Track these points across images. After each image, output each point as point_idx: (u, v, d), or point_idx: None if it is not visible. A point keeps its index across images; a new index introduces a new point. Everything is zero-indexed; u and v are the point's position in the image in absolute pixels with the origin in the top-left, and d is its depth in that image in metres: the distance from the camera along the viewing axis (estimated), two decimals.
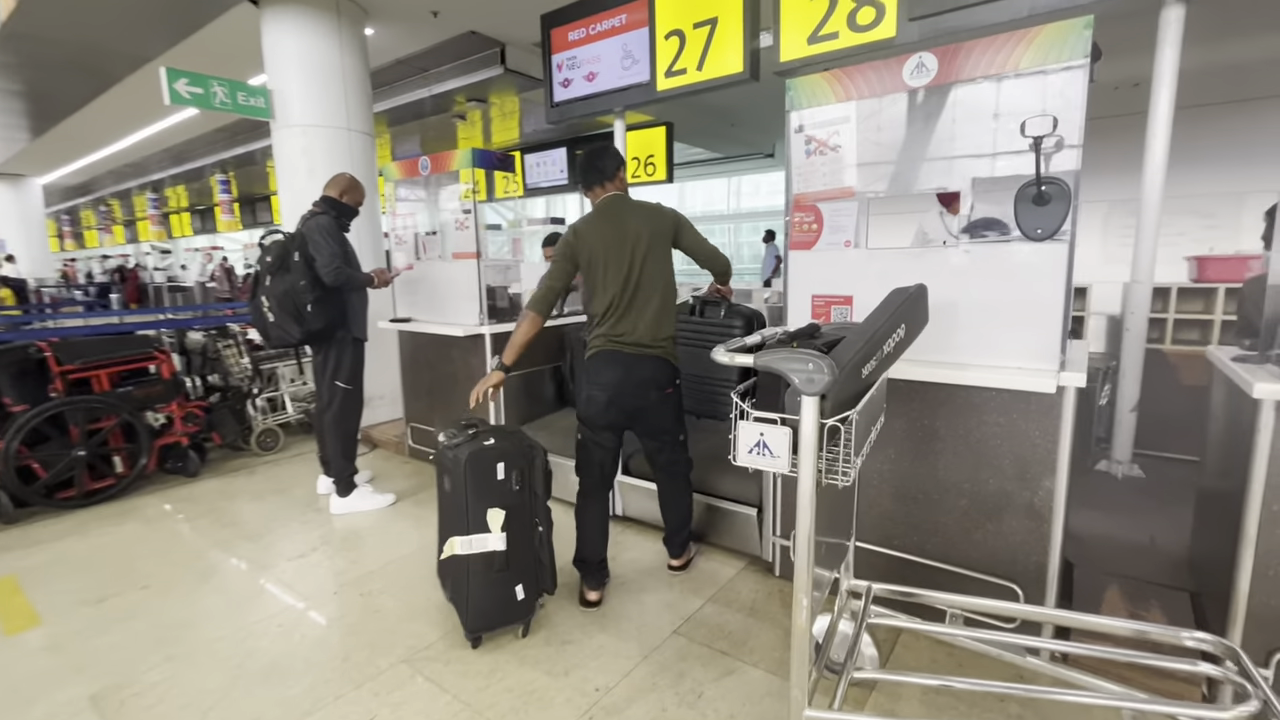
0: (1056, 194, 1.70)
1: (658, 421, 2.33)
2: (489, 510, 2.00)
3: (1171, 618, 1.99)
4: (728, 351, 1.29)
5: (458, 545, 1.99)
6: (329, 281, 2.93)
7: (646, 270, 2.21)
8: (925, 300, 1.68)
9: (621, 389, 2.21)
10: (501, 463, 2.03)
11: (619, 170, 2.31)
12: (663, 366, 2.26)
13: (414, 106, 7.43)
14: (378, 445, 4.35)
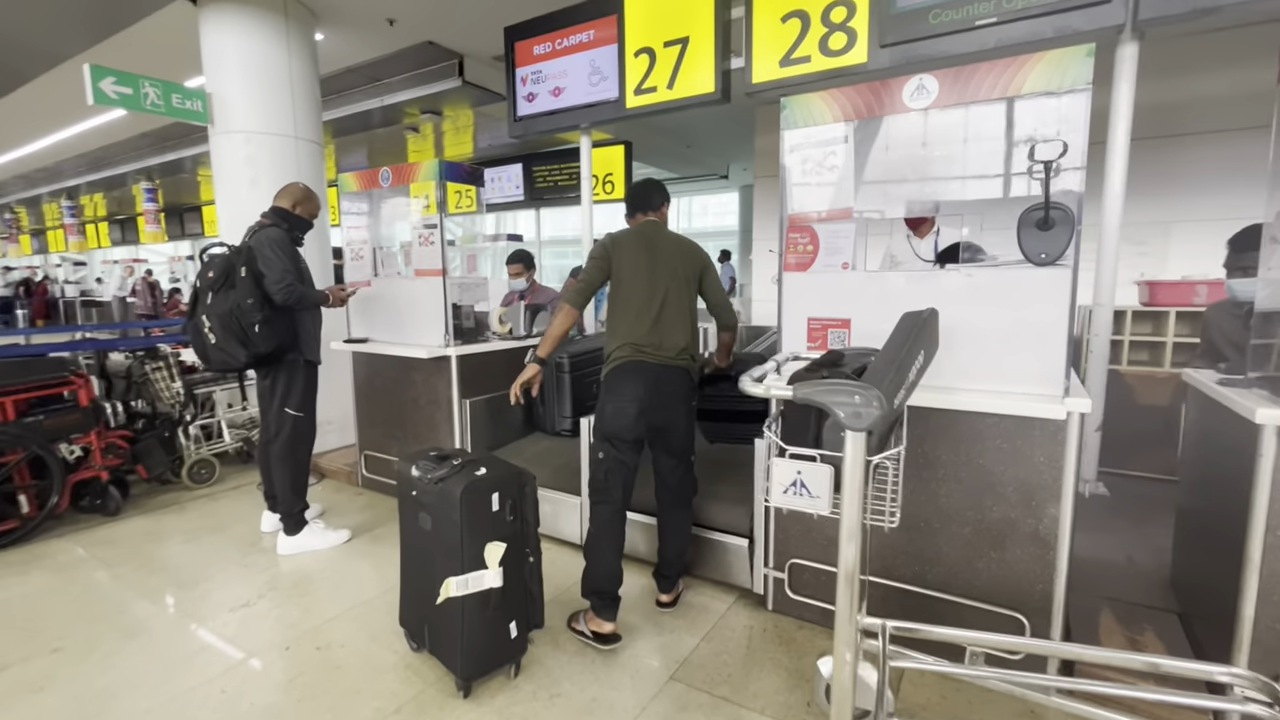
0: (1060, 219, 1.70)
1: (682, 437, 2.27)
2: (487, 545, 1.83)
3: (1166, 642, 2.00)
4: (756, 380, 1.19)
5: (454, 587, 1.80)
6: (279, 300, 2.69)
7: (673, 294, 2.23)
8: (937, 325, 1.64)
9: (653, 401, 2.16)
10: (496, 493, 1.87)
11: (664, 205, 2.40)
12: (689, 379, 2.26)
13: (362, 117, 7.14)
14: (327, 475, 4.03)
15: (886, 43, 3.21)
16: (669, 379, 2.19)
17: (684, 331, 2.23)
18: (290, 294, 2.68)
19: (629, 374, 2.18)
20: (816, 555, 2.23)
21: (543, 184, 9.01)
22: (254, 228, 2.82)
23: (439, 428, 3.37)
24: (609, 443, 2.19)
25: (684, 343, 2.22)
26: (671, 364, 2.20)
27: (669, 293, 2.21)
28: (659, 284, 2.20)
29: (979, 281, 1.86)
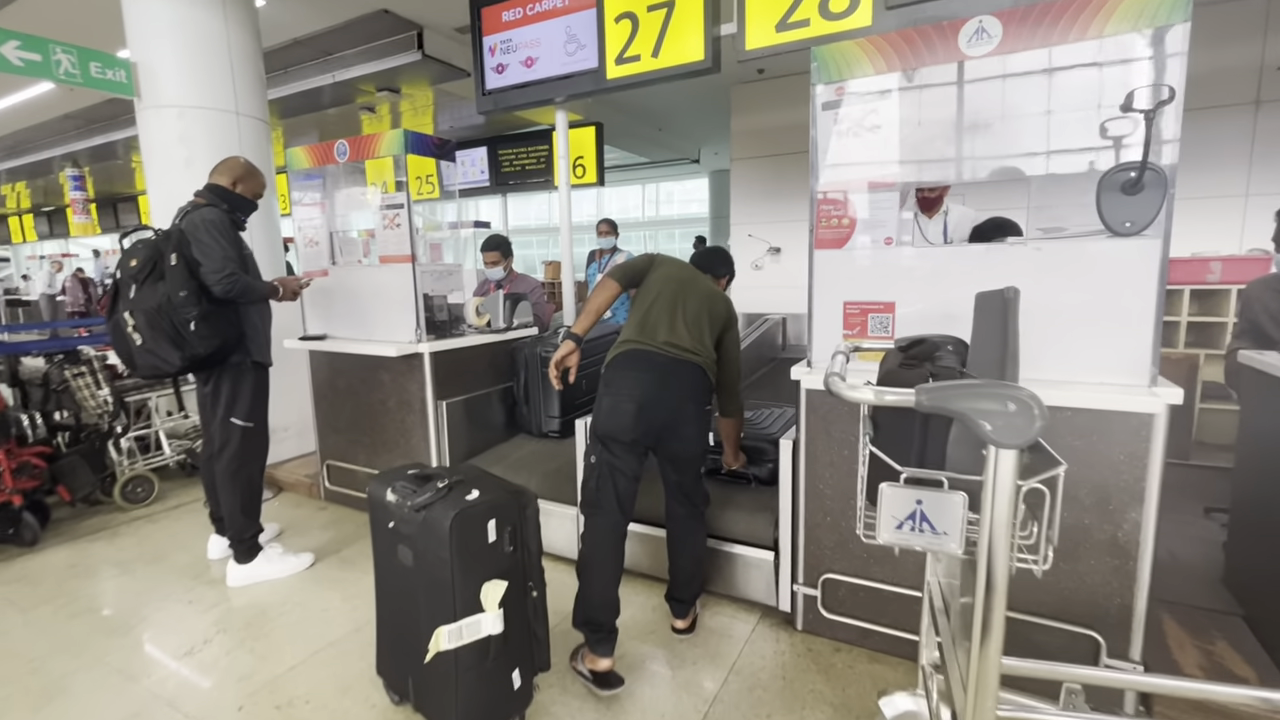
0: (1151, 181, 1.46)
1: (690, 443, 1.97)
2: (485, 584, 1.51)
3: (1242, 653, 1.82)
4: (848, 384, 0.91)
5: (446, 638, 1.48)
6: (219, 293, 2.29)
7: (696, 320, 2.00)
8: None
9: (656, 395, 1.87)
10: (493, 520, 1.55)
11: (725, 278, 2.27)
12: (702, 377, 1.96)
13: (312, 95, 6.60)
14: (284, 488, 3.62)
15: (894, 4, 2.96)
16: (677, 372, 1.91)
17: (697, 337, 1.97)
18: (232, 285, 2.29)
19: (630, 364, 1.91)
20: (854, 569, 1.98)
21: (509, 169, 8.57)
22: (185, 208, 2.41)
23: (411, 432, 3.01)
24: (603, 445, 1.90)
25: (699, 341, 1.96)
26: (684, 357, 1.92)
27: (685, 310, 1.99)
28: (678, 301, 2.00)
29: (1049, 256, 1.62)
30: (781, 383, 4.19)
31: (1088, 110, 1.53)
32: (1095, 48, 1.51)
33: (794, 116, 6.26)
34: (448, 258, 6.00)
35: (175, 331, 2.24)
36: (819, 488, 1.99)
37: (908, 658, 1.94)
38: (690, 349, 1.93)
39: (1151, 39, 1.44)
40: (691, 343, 1.94)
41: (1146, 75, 1.44)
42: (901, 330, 1.81)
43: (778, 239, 6.54)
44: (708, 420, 2.03)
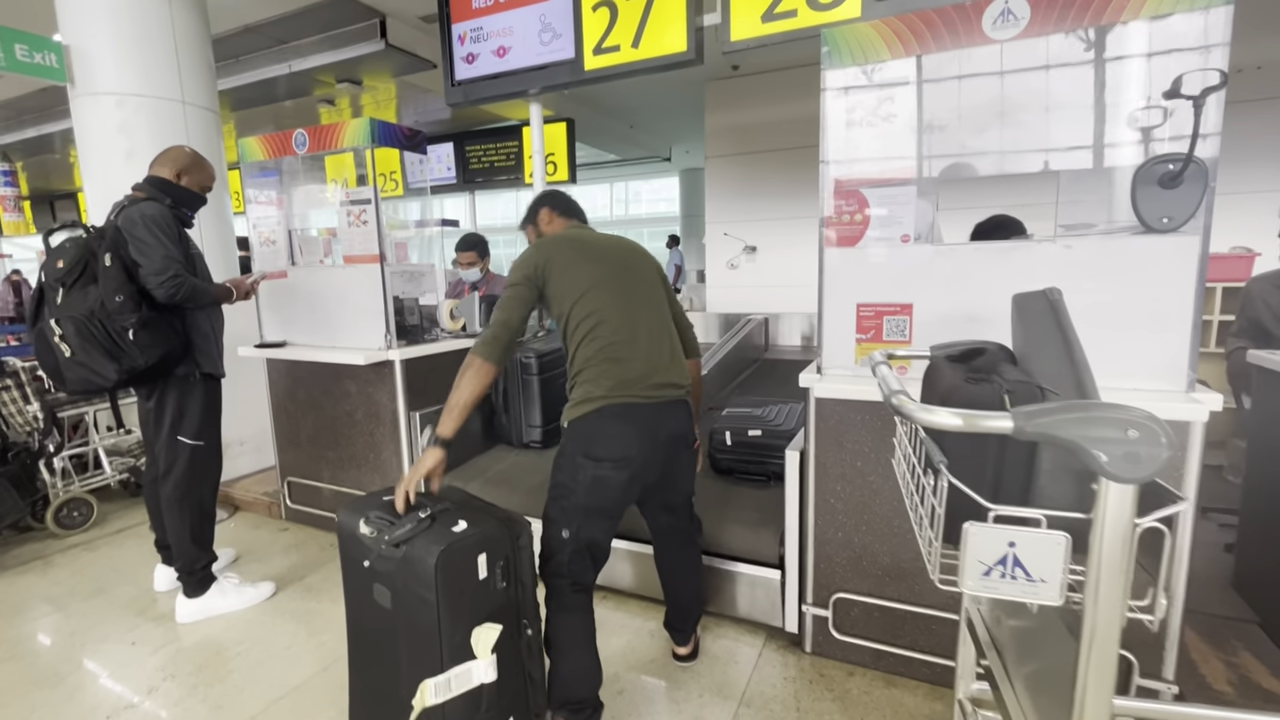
0: (1191, 174, 1.37)
1: (682, 486, 1.79)
2: (475, 629, 1.33)
3: (1265, 662, 1.76)
4: (930, 406, 0.77)
5: (433, 692, 1.30)
6: (162, 297, 2.05)
7: (647, 301, 1.69)
8: None
9: (650, 457, 1.59)
10: (483, 554, 1.37)
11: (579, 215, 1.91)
12: (689, 414, 1.71)
13: (266, 86, 6.24)
14: (241, 508, 3.35)
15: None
16: (668, 421, 1.61)
17: (674, 350, 1.69)
18: (177, 289, 2.05)
19: (613, 424, 1.54)
20: (868, 589, 1.87)
21: (477, 165, 8.30)
22: (122, 203, 2.15)
23: (381, 446, 2.79)
24: (583, 521, 1.55)
25: (675, 365, 1.67)
26: (669, 399, 1.62)
27: (642, 300, 1.66)
28: (627, 292, 1.64)
29: (1079, 254, 1.52)
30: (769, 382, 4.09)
31: (1122, 99, 1.44)
32: (1131, 31, 1.41)
33: (770, 113, 6.18)
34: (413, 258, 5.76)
35: (111, 341, 1.99)
36: (830, 502, 1.87)
37: (926, 681, 1.83)
38: (677, 381, 1.64)
39: (1193, 22, 1.35)
40: (672, 365, 1.65)
41: (1190, 61, 1.35)
42: (919, 334, 1.69)
43: (754, 238, 6.45)
44: (696, 458, 1.81)
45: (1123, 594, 0.72)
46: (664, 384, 1.60)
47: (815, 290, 1.80)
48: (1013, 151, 1.58)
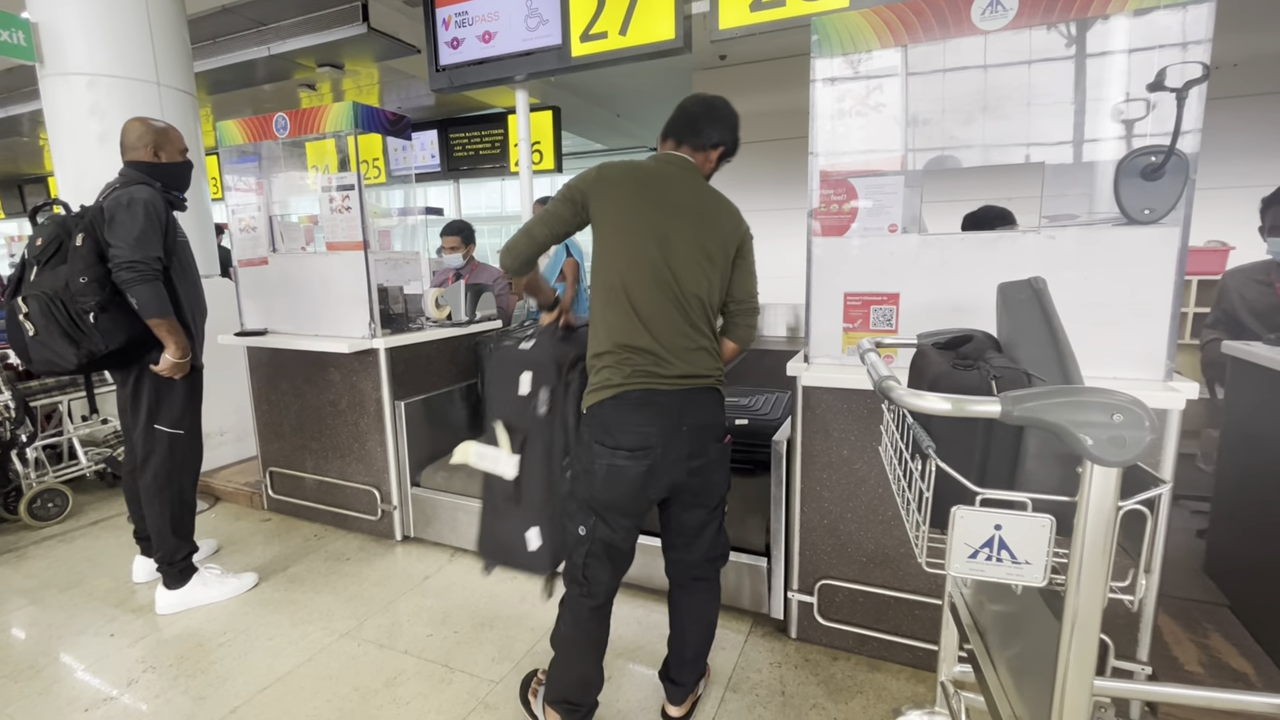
0: (1172, 166, 1.40)
1: (713, 487, 1.54)
2: (497, 423, 1.58)
3: (1235, 643, 1.82)
4: (920, 391, 0.78)
5: (472, 453, 1.58)
6: (119, 280, 1.95)
7: (694, 276, 1.44)
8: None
9: (675, 451, 1.43)
10: (528, 373, 1.55)
11: (718, 147, 1.53)
12: (720, 402, 1.53)
13: (244, 69, 6.09)
14: (222, 499, 3.30)
15: None
16: (698, 409, 1.45)
17: (693, 338, 1.45)
18: (135, 278, 1.93)
19: (633, 412, 1.41)
20: (852, 575, 1.89)
21: (461, 153, 8.19)
22: (114, 184, 2.08)
23: (366, 435, 2.77)
24: (599, 516, 1.45)
25: (699, 353, 1.46)
26: (698, 385, 1.46)
27: (681, 265, 1.42)
28: (673, 257, 1.41)
29: (1062, 245, 1.55)
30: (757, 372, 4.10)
31: (1105, 93, 1.45)
32: (1114, 25, 1.43)
33: (759, 104, 6.16)
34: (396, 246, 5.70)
35: (71, 323, 1.93)
36: (816, 490, 1.89)
37: (908, 664, 1.86)
38: (704, 371, 1.46)
39: (1176, 15, 1.37)
40: (704, 363, 1.46)
41: (1171, 56, 1.36)
42: (906, 324, 1.71)
43: None
44: (729, 454, 1.57)
45: (1105, 575, 0.73)
46: (695, 368, 1.44)
47: (804, 281, 1.81)
48: (998, 144, 1.60)
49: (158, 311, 2.00)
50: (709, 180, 1.55)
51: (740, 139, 1.55)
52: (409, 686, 1.83)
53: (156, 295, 1.99)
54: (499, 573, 2.46)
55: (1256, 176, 4.47)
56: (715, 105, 1.52)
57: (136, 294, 1.97)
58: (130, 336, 2.03)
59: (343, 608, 2.25)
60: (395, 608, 2.25)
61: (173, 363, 2.09)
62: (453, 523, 2.66)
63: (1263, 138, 4.45)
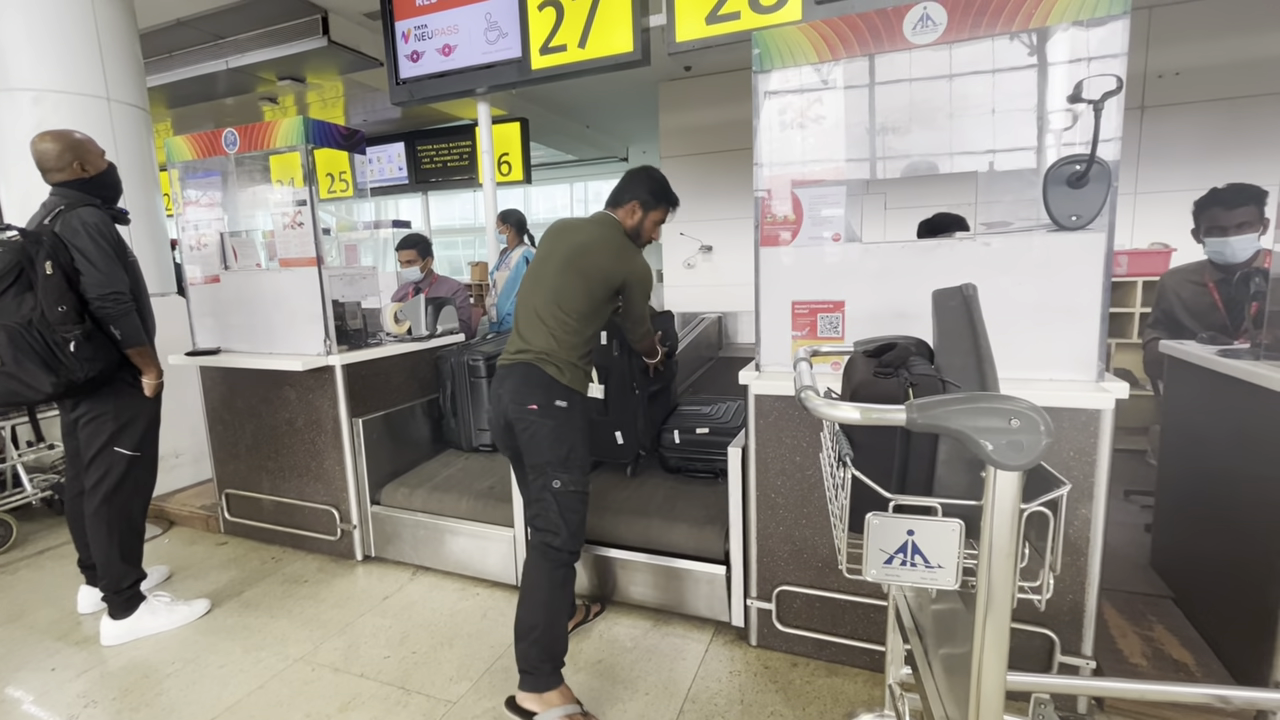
0: (1095, 175, 1.44)
1: (529, 449, 1.79)
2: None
3: (1177, 634, 1.87)
4: (835, 401, 0.79)
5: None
6: (99, 312, 1.99)
7: (555, 297, 1.83)
8: None
9: (498, 409, 1.86)
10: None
11: (631, 201, 1.92)
12: (537, 377, 1.78)
13: (203, 83, 5.99)
14: (176, 523, 3.21)
15: None
16: (515, 378, 1.79)
17: (542, 328, 1.80)
18: (120, 313, 2.02)
19: (495, 381, 1.89)
20: (809, 580, 1.91)
21: (429, 165, 8.15)
22: (56, 206, 2.03)
23: (324, 454, 2.72)
24: (583, 474, 1.81)
25: (539, 336, 1.80)
26: (522, 360, 1.80)
27: (545, 279, 1.86)
28: (548, 271, 1.86)
29: (997, 252, 1.59)
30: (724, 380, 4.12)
31: (1034, 104, 1.50)
32: (1039, 40, 1.48)
33: (723, 114, 6.24)
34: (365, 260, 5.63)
35: (50, 352, 1.91)
36: (771, 497, 1.90)
37: (865, 668, 1.88)
38: (534, 347, 1.79)
39: (1091, 31, 1.42)
40: (541, 336, 1.79)
41: (1091, 67, 1.42)
42: (852, 330, 1.74)
43: (710, 237, 6.51)
44: (557, 427, 1.75)
45: (1012, 575, 0.75)
46: (519, 350, 1.82)
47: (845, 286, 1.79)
48: (936, 154, 1.64)
49: (138, 340, 2.08)
50: (655, 226, 1.97)
51: (664, 193, 1.94)
52: (363, 711, 1.80)
53: (137, 325, 2.07)
54: (460, 590, 2.44)
55: (1197, 181, 4.63)
56: (635, 172, 1.97)
57: (120, 326, 2.03)
58: (106, 364, 2.03)
59: (298, 631, 2.20)
60: (353, 629, 2.21)
61: (153, 385, 2.16)
62: (414, 540, 2.62)
63: (1203, 143, 4.62)
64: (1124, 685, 1.28)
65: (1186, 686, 1.32)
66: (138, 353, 2.10)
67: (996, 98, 1.55)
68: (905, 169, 1.66)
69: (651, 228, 1.94)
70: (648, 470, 2.60)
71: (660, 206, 1.93)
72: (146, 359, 2.13)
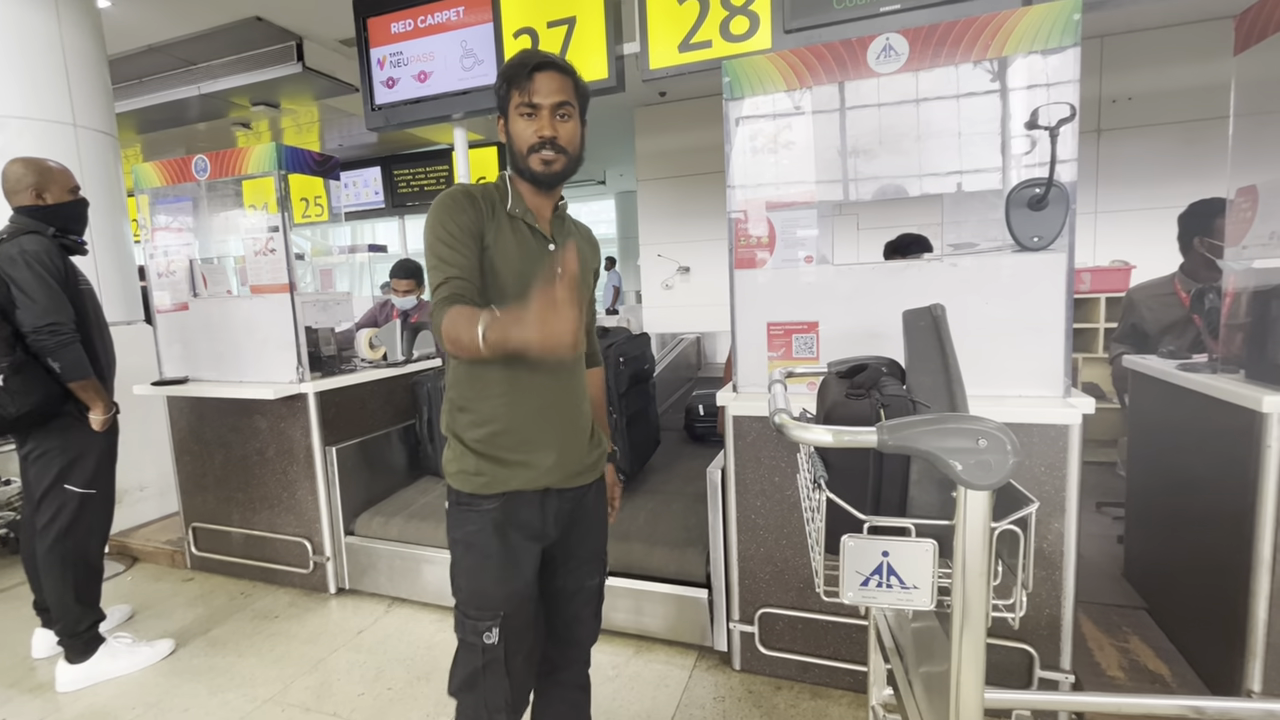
0: (1054, 197, 1.49)
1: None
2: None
3: (1151, 645, 1.89)
4: (808, 424, 0.80)
5: None
6: (36, 345, 1.91)
7: None
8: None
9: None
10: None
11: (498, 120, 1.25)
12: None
13: (175, 108, 5.95)
14: (140, 559, 3.09)
15: (791, 28, 3.02)
16: None
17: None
18: (58, 346, 1.92)
19: None
20: (791, 601, 1.90)
21: (406, 189, 8.14)
22: (2, 232, 1.98)
23: (296, 484, 2.65)
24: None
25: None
26: None
27: None
28: None
29: (964, 272, 1.63)
30: None
31: (995, 129, 1.56)
32: (998, 69, 1.54)
33: (698, 139, 6.35)
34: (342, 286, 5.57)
35: None
36: (751, 518, 1.90)
37: (849, 689, 1.87)
38: None
39: (1046, 60, 1.49)
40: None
41: (1049, 94, 1.47)
42: (826, 350, 1.76)
43: (687, 258, 6.58)
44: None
45: (986, 593, 0.76)
46: None
47: (818, 307, 1.79)
48: (904, 176, 1.68)
49: (81, 374, 1.98)
50: (522, 117, 1.17)
51: (502, 73, 1.18)
52: None
53: (78, 358, 1.96)
54: (438, 621, 2.38)
55: (1154, 200, 4.84)
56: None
57: (60, 359, 1.93)
58: (41, 398, 1.94)
59: (268, 670, 2.12)
60: (326, 666, 2.14)
61: (101, 420, 2.05)
62: (390, 571, 2.56)
63: (1158, 164, 4.81)
64: (1100, 699, 1.29)
65: (1162, 699, 1.33)
66: (80, 387, 1.99)
67: (961, 123, 1.60)
68: (875, 192, 1.70)
69: (522, 128, 1.15)
70: (628, 494, 2.58)
71: (507, 94, 1.15)
72: (91, 393, 2.02)
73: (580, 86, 1.19)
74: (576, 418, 1.26)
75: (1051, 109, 1.43)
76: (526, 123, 1.15)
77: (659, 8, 3.41)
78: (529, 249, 1.20)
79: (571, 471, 1.25)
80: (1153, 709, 1.39)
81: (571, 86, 1.17)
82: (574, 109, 1.17)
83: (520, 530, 1.21)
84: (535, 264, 1.20)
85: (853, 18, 2.64)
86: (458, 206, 1.14)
